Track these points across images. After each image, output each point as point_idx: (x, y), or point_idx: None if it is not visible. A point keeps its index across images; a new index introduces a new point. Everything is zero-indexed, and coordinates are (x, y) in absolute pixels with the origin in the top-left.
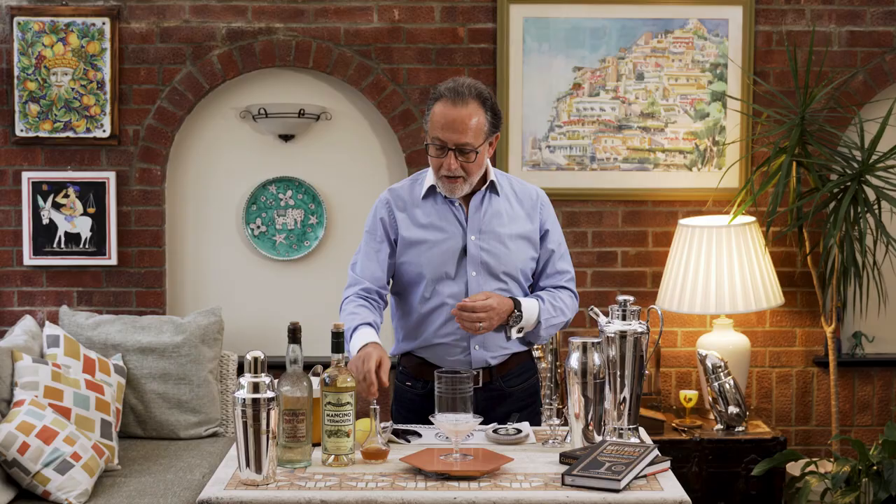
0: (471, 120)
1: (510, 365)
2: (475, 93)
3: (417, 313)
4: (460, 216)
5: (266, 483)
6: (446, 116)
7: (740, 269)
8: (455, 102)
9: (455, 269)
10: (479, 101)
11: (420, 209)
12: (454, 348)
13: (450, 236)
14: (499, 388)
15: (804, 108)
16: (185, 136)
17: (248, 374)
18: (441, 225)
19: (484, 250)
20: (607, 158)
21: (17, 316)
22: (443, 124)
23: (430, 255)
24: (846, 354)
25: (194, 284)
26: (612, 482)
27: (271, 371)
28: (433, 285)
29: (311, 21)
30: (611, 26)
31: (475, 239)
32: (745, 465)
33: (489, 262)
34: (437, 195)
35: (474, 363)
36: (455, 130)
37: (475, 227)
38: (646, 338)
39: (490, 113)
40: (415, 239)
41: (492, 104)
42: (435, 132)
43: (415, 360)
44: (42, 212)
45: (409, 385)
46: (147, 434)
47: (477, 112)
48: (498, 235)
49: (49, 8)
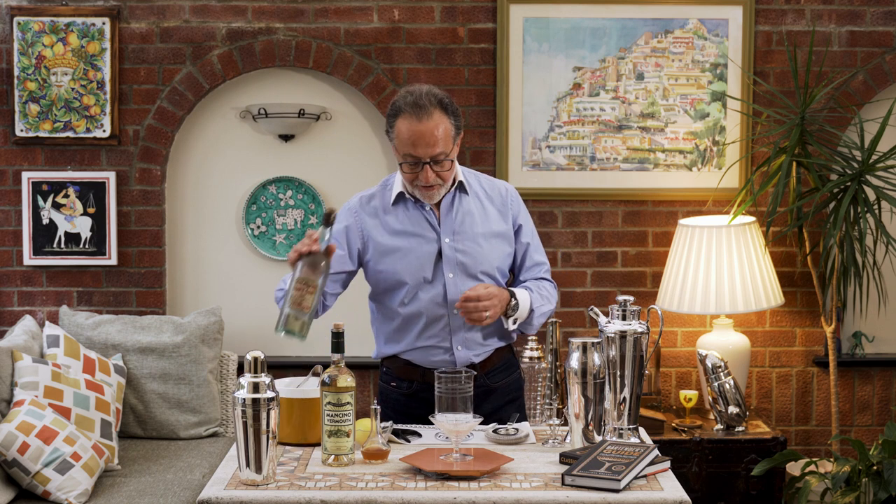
0: (438, 130)
1: (493, 361)
2: (436, 101)
3: (399, 318)
4: (432, 220)
5: (266, 483)
6: (413, 133)
7: (740, 269)
8: (419, 117)
9: (432, 272)
10: (441, 107)
11: (392, 216)
12: (437, 349)
13: (424, 241)
14: (484, 384)
15: (804, 108)
16: (185, 136)
17: (248, 374)
18: (414, 230)
19: (459, 251)
20: (607, 158)
21: (17, 316)
22: (412, 141)
23: (407, 261)
24: (846, 354)
25: (194, 284)
26: (612, 482)
27: (271, 371)
28: (413, 291)
29: (311, 21)
30: (611, 26)
31: (449, 241)
32: (745, 465)
33: (465, 263)
34: (408, 200)
35: (459, 363)
36: (427, 144)
37: (448, 229)
38: (646, 338)
39: (452, 117)
40: (390, 246)
41: (452, 108)
42: (406, 150)
43: (400, 362)
44: (42, 212)
45: (393, 385)
46: (147, 434)
47: (441, 120)
48: (472, 235)
49: (49, 8)
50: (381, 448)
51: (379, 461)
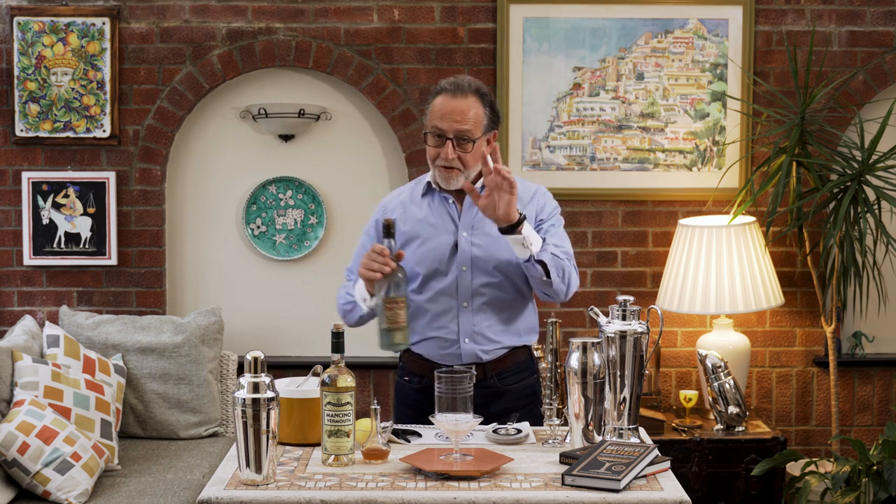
0: (469, 111)
1: (506, 362)
2: (475, 88)
3: (411, 307)
4: (454, 213)
5: (266, 483)
6: (445, 106)
7: (740, 269)
8: (455, 94)
9: (447, 264)
10: (478, 95)
11: (417, 206)
12: (444, 341)
13: (442, 232)
14: (493, 385)
15: (804, 108)
16: (185, 136)
17: (248, 374)
18: (434, 221)
19: (475, 245)
20: (607, 158)
21: (17, 316)
22: (442, 114)
23: (423, 251)
24: (846, 354)
25: (194, 284)
26: (612, 482)
27: (271, 371)
28: (426, 281)
29: (311, 21)
30: (611, 26)
31: (467, 235)
32: (745, 465)
33: (480, 257)
34: (435, 193)
35: (465, 357)
36: (454, 119)
37: (467, 223)
38: (646, 338)
39: (489, 109)
40: (410, 233)
41: (491, 101)
42: (434, 121)
43: (412, 356)
44: (42, 212)
45: (406, 380)
46: (147, 434)
47: (476, 105)
48: (490, 231)
49: (49, 8)
50: (381, 448)
51: (379, 461)
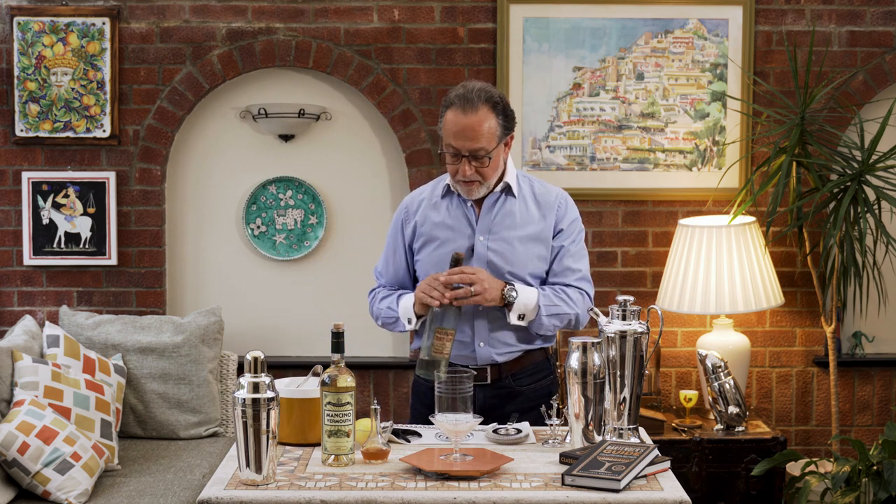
0: (481, 126)
1: (522, 363)
2: (485, 97)
3: None
4: (472, 217)
5: (266, 483)
6: (457, 124)
7: (740, 269)
8: (465, 110)
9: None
10: (490, 105)
11: (435, 209)
12: (459, 344)
13: (459, 236)
14: (508, 386)
15: (804, 108)
16: (185, 136)
17: (248, 374)
18: (452, 224)
19: (491, 250)
20: (607, 158)
21: (17, 316)
22: (455, 132)
23: (440, 253)
24: (846, 354)
25: (194, 284)
26: (612, 482)
27: (271, 371)
28: None
29: (311, 21)
30: (611, 26)
31: (483, 239)
32: (745, 465)
33: (495, 262)
34: (454, 196)
35: (480, 360)
36: (466, 138)
37: (485, 227)
38: (646, 338)
39: (501, 116)
40: (428, 235)
41: (503, 106)
42: (448, 140)
43: None
44: (42, 212)
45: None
46: (147, 434)
47: (487, 117)
48: (507, 236)
49: (49, 8)
50: (381, 448)
51: (379, 461)
